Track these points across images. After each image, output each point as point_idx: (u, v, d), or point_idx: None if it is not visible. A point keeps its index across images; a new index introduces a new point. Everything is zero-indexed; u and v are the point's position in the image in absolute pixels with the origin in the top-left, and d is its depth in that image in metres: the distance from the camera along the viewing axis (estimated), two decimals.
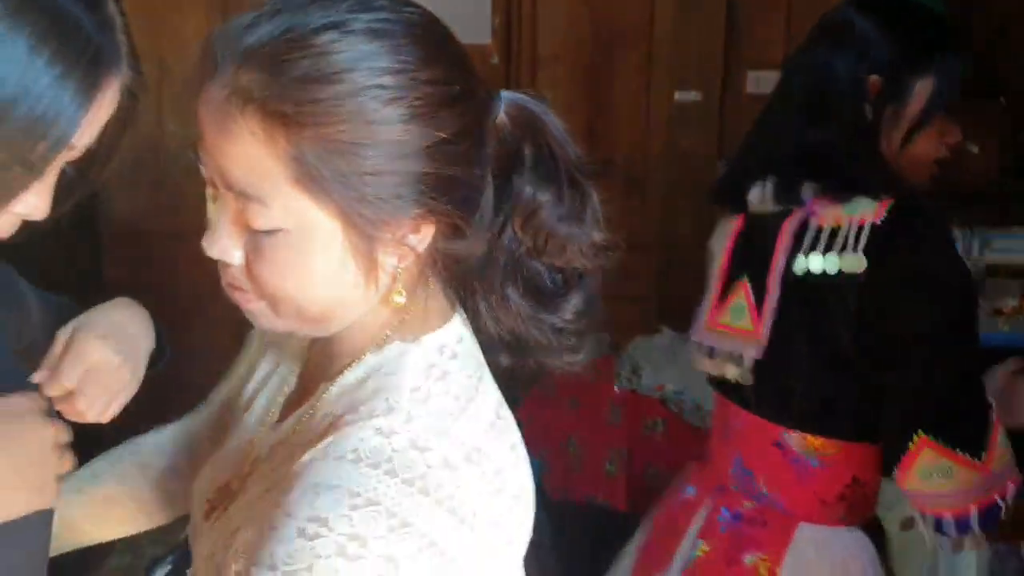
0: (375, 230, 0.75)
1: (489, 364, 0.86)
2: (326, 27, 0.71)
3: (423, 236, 0.78)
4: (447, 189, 0.76)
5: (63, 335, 0.87)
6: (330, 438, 0.75)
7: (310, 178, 0.72)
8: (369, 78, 0.72)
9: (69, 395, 0.84)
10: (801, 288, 1.42)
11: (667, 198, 3.19)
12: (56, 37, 0.67)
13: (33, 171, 0.71)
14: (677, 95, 3.10)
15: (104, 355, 0.87)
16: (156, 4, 3.11)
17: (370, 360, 0.81)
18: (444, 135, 0.74)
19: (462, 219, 0.78)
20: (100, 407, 0.87)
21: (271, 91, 0.71)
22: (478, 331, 0.86)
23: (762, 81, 3.00)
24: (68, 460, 0.80)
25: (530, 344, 0.84)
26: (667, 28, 3.08)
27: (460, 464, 0.75)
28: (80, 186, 0.79)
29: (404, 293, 0.80)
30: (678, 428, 2.51)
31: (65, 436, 0.80)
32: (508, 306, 0.83)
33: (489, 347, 0.86)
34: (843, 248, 1.36)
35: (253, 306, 0.80)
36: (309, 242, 0.74)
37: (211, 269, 0.81)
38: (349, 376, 0.81)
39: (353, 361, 0.82)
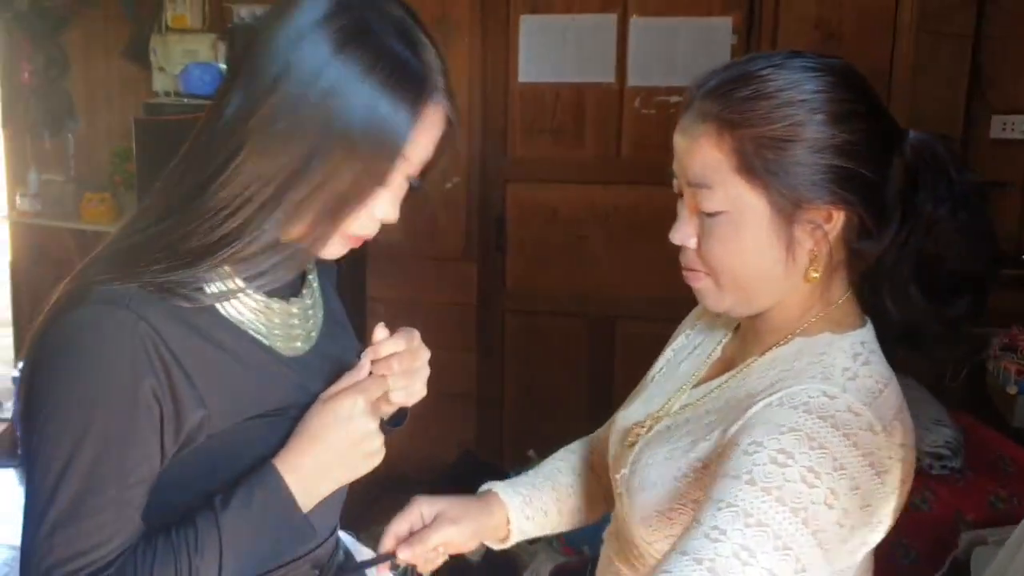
0: (794, 211, 0.97)
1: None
2: (766, 66, 0.98)
3: (834, 224, 0.98)
4: (854, 184, 0.97)
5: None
6: (781, 392, 0.95)
7: (746, 167, 0.97)
8: (796, 94, 0.96)
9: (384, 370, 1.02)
10: None
11: None
12: (386, 71, 0.91)
13: (380, 181, 0.95)
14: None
15: (423, 350, 1.07)
16: None
17: (800, 342, 1.03)
18: (853, 138, 0.96)
19: (868, 214, 0.98)
20: (403, 394, 1.05)
21: (723, 107, 0.98)
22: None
23: (1009, 125, 3.09)
24: (381, 437, 1.00)
25: (924, 334, 1.03)
26: (906, 71, 3.12)
27: (879, 430, 0.94)
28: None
29: (820, 271, 1.00)
30: None
31: (376, 424, 0.99)
32: (911, 301, 1.01)
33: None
34: None
35: (702, 284, 1.03)
36: (744, 221, 0.98)
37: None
38: (781, 351, 1.03)
39: (781, 340, 1.04)
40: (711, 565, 0.86)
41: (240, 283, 0.98)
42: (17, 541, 0.92)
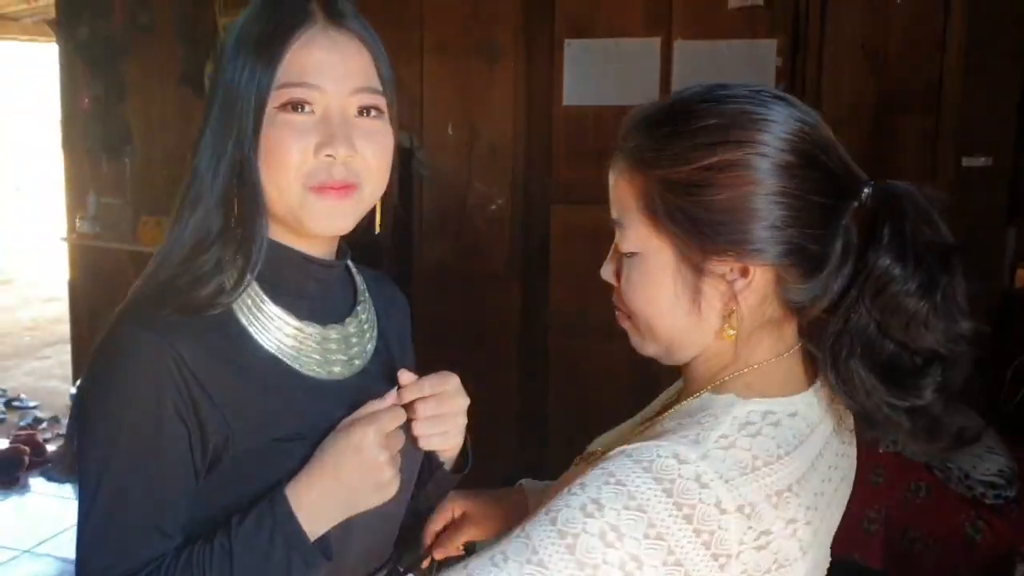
0: (702, 262, 0.88)
1: None
2: (701, 100, 0.89)
3: (751, 280, 0.88)
4: (778, 240, 0.86)
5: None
6: (645, 442, 0.85)
7: (651, 209, 0.89)
8: (718, 136, 0.86)
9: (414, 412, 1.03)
10: None
11: None
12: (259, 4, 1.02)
13: (262, 102, 0.98)
14: (965, 160, 3.11)
15: (460, 397, 1.06)
16: (473, 79, 3.59)
17: (706, 397, 0.92)
18: (775, 191, 0.86)
19: (799, 272, 0.87)
20: (434, 440, 1.05)
21: (641, 143, 0.91)
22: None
23: None
24: (396, 470, 1.00)
25: (879, 421, 0.88)
26: (956, 91, 3.08)
27: (730, 510, 0.81)
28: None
29: (736, 329, 0.89)
30: (943, 495, 2.45)
31: (390, 452, 0.99)
32: (853, 380, 0.87)
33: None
34: None
35: (625, 324, 0.98)
36: (651, 266, 0.91)
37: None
38: (688, 404, 0.94)
39: (695, 393, 0.94)
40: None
41: (260, 293, 1.01)
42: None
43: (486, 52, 3.63)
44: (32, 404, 5.08)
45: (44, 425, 4.72)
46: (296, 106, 0.97)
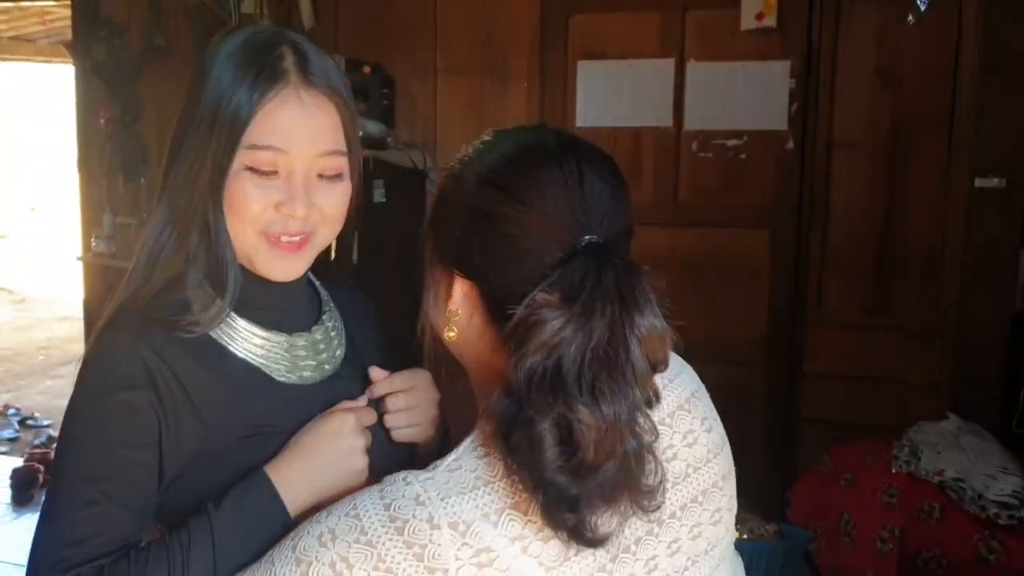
0: (437, 263, 0.96)
1: None
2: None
3: (455, 290, 0.93)
4: (466, 262, 0.92)
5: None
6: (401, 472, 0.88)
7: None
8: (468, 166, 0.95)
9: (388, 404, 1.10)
10: None
11: (965, 285, 3.16)
12: (238, 56, 1.03)
13: (228, 159, 1.01)
14: (978, 181, 3.11)
15: (430, 391, 1.12)
16: (486, 100, 3.64)
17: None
18: (473, 211, 0.91)
19: (484, 301, 0.91)
20: (407, 432, 1.11)
21: None
22: None
23: None
24: (366, 458, 1.04)
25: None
26: (969, 113, 3.09)
27: (443, 526, 0.83)
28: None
29: (455, 331, 0.94)
30: (957, 515, 2.45)
31: (366, 442, 1.05)
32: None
33: None
34: None
35: None
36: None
37: None
38: None
39: None
40: None
41: (231, 312, 1.06)
42: None
43: (500, 73, 3.66)
44: (46, 423, 5.11)
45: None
46: (261, 169, 1.01)
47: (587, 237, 0.87)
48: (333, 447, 1.02)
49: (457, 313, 0.94)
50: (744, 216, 3.35)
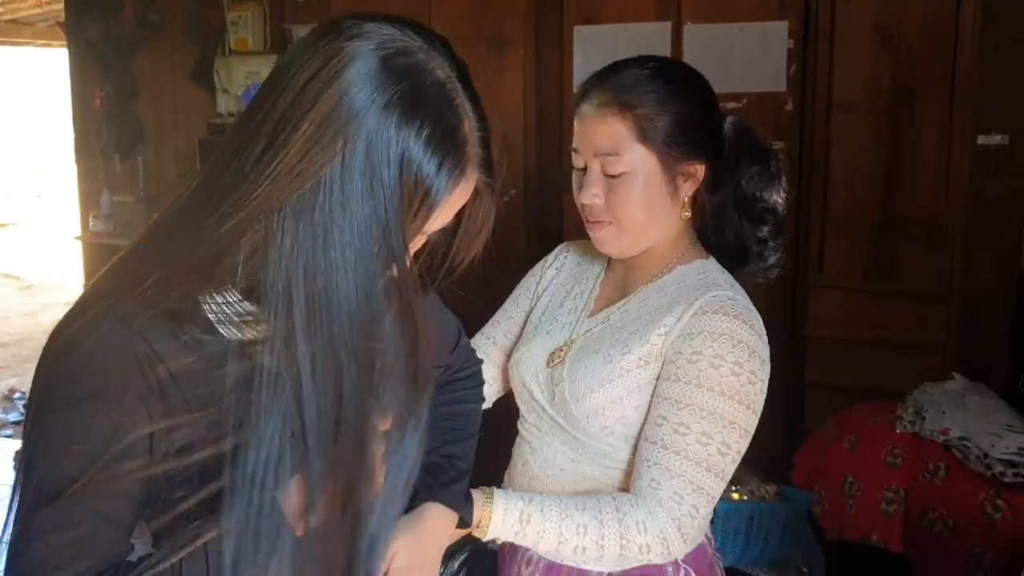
0: (676, 165, 1.31)
1: None
2: (641, 67, 1.34)
3: (699, 175, 1.33)
4: (707, 148, 1.33)
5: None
6: (698, 302, 1.27)
7: (642, 136, 1.29)
8: (665, 88, 1.31)
9: None
10: None
11: (969, 245, 3.12)
12: (435, 136, 0.89)
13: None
14: (980, 139, 3.06)
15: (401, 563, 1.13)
16: (482, 69, 3.57)
17: (681, 269, 1.35)
18: (703, 116, 1.33)
19: (714, 168, 1.34)
20: None
21: (618, 95, 1.31)
22: None
23: None
24: None
25: (748, 252, 1.38)
26: (971, 71, 3.04)
27: (757, 314, 1.30)
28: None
29: (690, 211, 1.35)
30: (962, 475, 2.42)
31: None
32: (739, 226, 1.37)
33: None
34: None
35: (605, 231, 1.33)
36: (643, 177, 1.30)
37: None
38: (667, 278, 1.35)
39: (663, 270, 1.35)
40: (686, 452, 1.21)
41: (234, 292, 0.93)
42: None
43: (495, 42, 3.62)
44: None
45: None
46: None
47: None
48: None
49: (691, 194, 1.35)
50: None
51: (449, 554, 1.34)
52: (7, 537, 0.88)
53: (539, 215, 3.65)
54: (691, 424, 1.22)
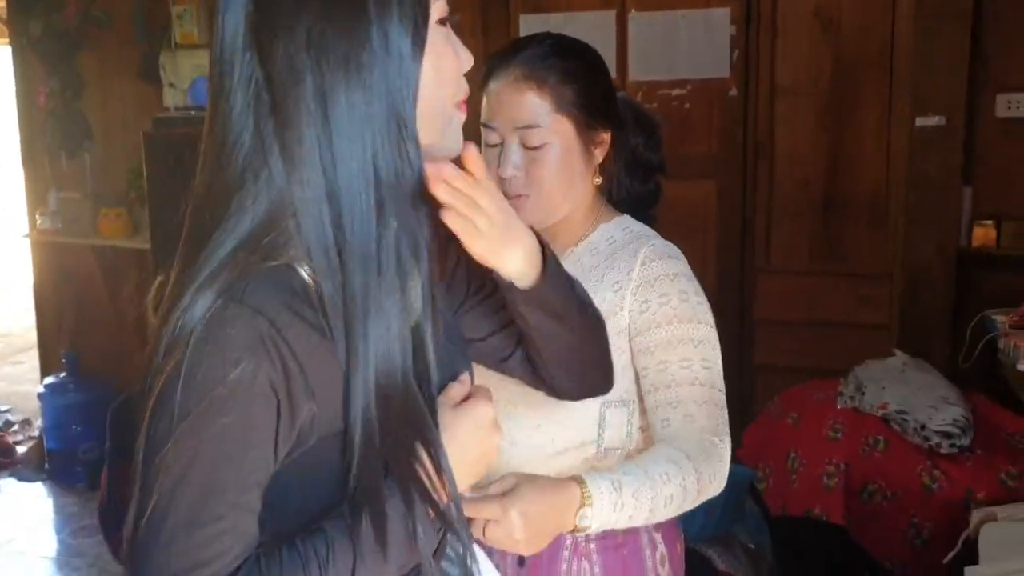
0: (594, 135, 1.38)
1: None
2: (548, 42, 1.39)
3: (606, 143, 1.40)
4: (610, 117, 1.41)
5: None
6: (640, 254, 1.35)
7: (559, 107, 1.34)
8: (576, 62, 1.38)
9: None
10: None
11: (909, 225, 3.18)
12: None
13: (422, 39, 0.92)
14: (919, 120, 3.11)
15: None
16: None
17: (604, 227, 1.42)
18: (606, 89, 1.42)
19: (612, 137, 1.41)
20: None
21: (533, 69, 1.34)
22: None
23: (1014, 104, 3.05)
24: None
25: (635, 205, 1.49)
26: (908, 53, 3.10)
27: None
28: None
29: (600, 177, 1.42)
30: (900, 447, 2.49)
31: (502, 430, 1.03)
32: (629, 184, 1.50)
33: None
34: None
35: (523, 206, 1.33)
36: (561, 149, 1.35)
37: None
38: (593, 236, 1.42)
39: (588, 231, 1.42)
40: (699, 379, 1.30)
41: None
42: (49, 551, 0.84)
43: None
44: (4, 408, 5.06)
45: (15, 427, 4.72)
46: None
47: None
48: (478, 442, 0.97)
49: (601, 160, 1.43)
50: (690, 166, 3.33)
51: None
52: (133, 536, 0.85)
53: None
54: (691, 355, 1.31)
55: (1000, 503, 2.23)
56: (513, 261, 1.00)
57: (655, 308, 1.33)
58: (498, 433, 1.00)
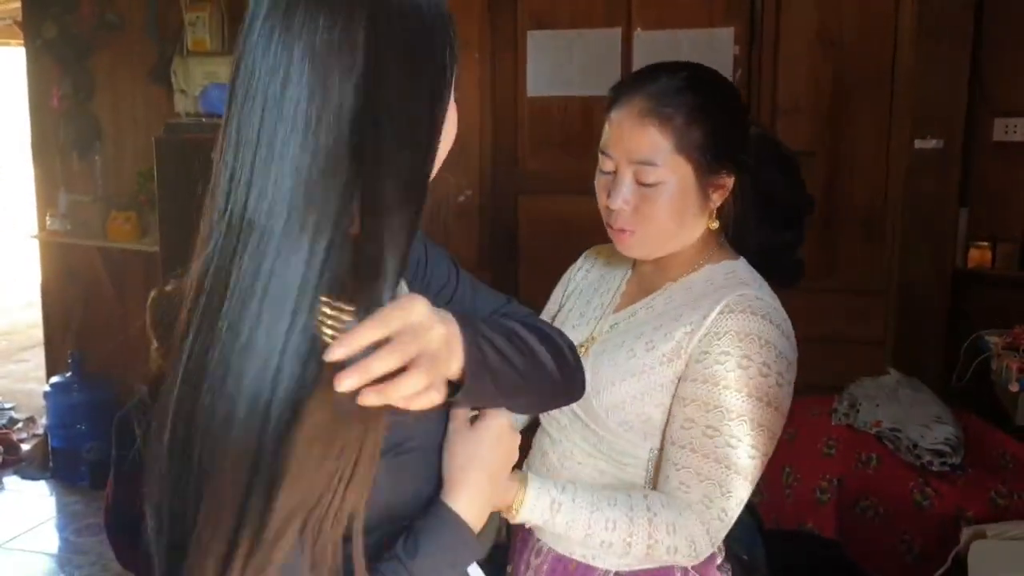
0: (709, 178, 1.31)
1: None
2: (680, 74, 1.32)
3: (728, 186, 1.33)
4: (735, 158, 1.32)
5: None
6: (724, 301, 1.25)
7: (681, 147, 1.28)
8: (706, 98, 1.30)
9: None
10: None
11: (905, 244, 3.24)
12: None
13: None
14: (917, 143, 3.16)
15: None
16: None
17: (708, 268, 1.34)
18: (734, 130, 1.34)
19: (741, 178, 1.33)
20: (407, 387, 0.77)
21: (658, 104, 1.28)
22: None
23: (1011, 128, 3.10)
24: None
25: (772, 259, 1.39)
26: (908, 76, 3.15)
27: (785, 314, 1.30)
28: None
29: (718, 223, 1.34)
30: (893, 465, 2.54)
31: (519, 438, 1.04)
32: (760, 230, 1.38)
33: None
34: None
35: (631, 240, 1.32)
36: (677, 188, 1.29)
37: None
38: (694, 276, 1.35)
39: (691, 269, 1.35)
40: (715, 455, 1.21)
41: None
42: (52, 549, 0.80)
43: None
44: (8, 406, 5.10)
45: (20, 425, 4.75)
46: None
47: None
48: (501, 456, 0.99)
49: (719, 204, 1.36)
50: None
51: None
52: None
53: (493, 216, 3.72)
54: (720, 427, 1.21)
55: (990, 521, 2.28)
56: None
57: (710, 363, 1.24)
58: (517, 437, 1.02)
